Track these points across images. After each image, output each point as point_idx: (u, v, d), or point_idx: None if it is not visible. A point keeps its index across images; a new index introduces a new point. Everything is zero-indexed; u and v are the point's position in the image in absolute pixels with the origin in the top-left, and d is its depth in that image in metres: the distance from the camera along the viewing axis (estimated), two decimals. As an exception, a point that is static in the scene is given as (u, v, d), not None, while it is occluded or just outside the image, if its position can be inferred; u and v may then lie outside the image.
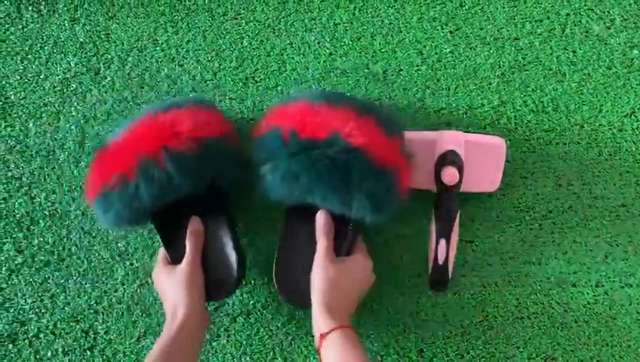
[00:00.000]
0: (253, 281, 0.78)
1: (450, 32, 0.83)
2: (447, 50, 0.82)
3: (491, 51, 0.82)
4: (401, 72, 0.82)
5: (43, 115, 0.84)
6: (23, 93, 0.84)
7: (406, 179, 0.68)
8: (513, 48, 0.82)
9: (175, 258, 0.73)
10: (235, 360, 0.77)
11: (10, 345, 0.78)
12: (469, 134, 0.74)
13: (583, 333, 0.75)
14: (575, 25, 0.82)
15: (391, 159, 0.66)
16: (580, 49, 0.81)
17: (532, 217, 0.78)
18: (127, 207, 0.67)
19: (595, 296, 0.76)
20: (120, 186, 0.66)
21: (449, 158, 0.71)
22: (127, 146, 0.68)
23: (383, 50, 0.83)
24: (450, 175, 0.71)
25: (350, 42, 0.83)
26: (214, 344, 0.77)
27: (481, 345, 0.75)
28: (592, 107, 0.80)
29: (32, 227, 0.81)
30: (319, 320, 0.63)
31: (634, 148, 0.79)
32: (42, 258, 0.80)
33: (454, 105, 0.81)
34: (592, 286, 0.76)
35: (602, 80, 0.80)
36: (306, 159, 0.64)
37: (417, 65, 0.82)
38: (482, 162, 0.74)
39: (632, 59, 0.81)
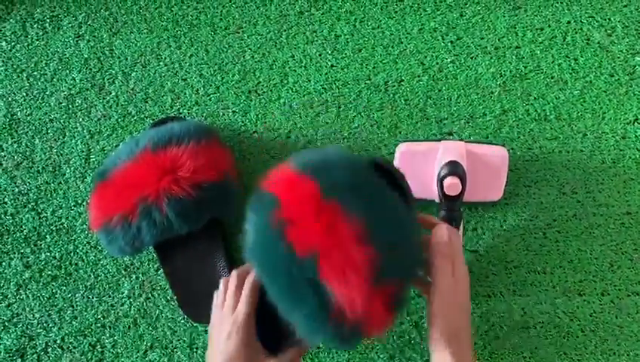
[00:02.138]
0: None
1: (451, 42, 0.83)
2: (449, 60, 0.83)
3: (492, 60, 0.82)
4: (402, 83, 0.82)
5: (49, 131, 0.85)
6: (28, 109, 0.85)
7: (378, 325, 0.55)
8: (514, 57, 0.82)
9: (173, 273, 0.76)
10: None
11: (19, 360, 0.78)
12: (471, 144, 0.74)
13: (590, 342, 0.74)
14: (576, 33, 0.82)
15: (360, 312, 0.53)
16: (582, 57, 0.81)
17: (536, 226, 0.77)
18: (129, 244, 0.71)
19: (601, 304, 0.75)
20: (122, 225, 0.70)
21: (451, 169, 0.71)
22: (127, 185, 0.71)
23: (384, 62, 0.83)
24: (452, 185, 0.71)
25: (351, 54, 0.84)
26: None
27: (487, 356, 0.75)
28: (594, 115, 0.80)
29: (39, 242, 0.81)
30: None
31: (637, 156, 0.78)
32: (49, 273, 0.80)
33: (456, 114, 0.81)
34: (598, 294, 0.75)
35: (604, 87, 0.80)
36: (283, 269, 0.55)
37: (419, 76, 0.82)
38: (485, 171, 0.74)
39: (634, 66, 0.81)
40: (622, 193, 0.77)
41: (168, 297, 0.79)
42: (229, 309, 0.62)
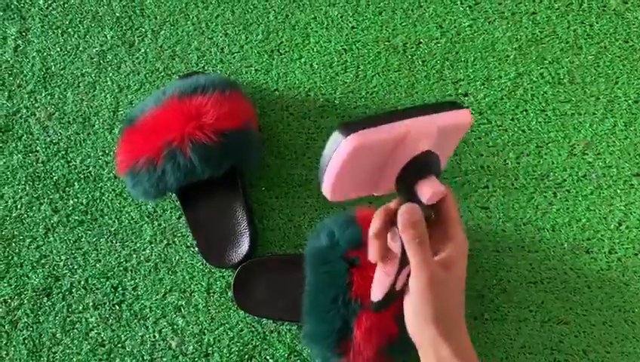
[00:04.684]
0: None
1: (470, 6, 0.85)
2: (466, 24, 0.85)
3: (509, 25, 0.84)
4: (420, 45, 0.85)
5: (80, 85, 0.89)
6: (62, 64, 0.90)
7: None
8: (531, 22, 0.84)
9: (194, 220, 0.80)
10: None
11: (45, 299, 0.82)
12: (437, 115, 0.49)
13: (596, 298, 0.76)
14: (592, -1, 0.84)
15: None
16: (597, 23, 0.83)
17: (546, 185, 0.79)
18: (154, 186, 0.74)
19: (608, 262, 0.77)
20: (147, 168, 0.74)
21: (426, 165, 0.49)
22: (154, 130, 0.74)
23: (403, 24, 0.86)
24: (434, 192, 0.48)
25: (372, 16, 0.87)
26: None
27: (494, 308, 0.77)
28: (608, 79, 0.81)
29: (67, 188, 0.85)
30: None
31: (649, 119, 0.80)
32: (76, 218, 0.84)
33: (472, 76, 0.83)
34: (605, 252, 0.77)
35: (619, 53, 0.82)
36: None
37: (437, 39, 0.85)
38: (448, 142, 0.53)
39: (649, 33, 0.82)
40: (632, 155, 0.79)
41: (188, 244, 0.82)
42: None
